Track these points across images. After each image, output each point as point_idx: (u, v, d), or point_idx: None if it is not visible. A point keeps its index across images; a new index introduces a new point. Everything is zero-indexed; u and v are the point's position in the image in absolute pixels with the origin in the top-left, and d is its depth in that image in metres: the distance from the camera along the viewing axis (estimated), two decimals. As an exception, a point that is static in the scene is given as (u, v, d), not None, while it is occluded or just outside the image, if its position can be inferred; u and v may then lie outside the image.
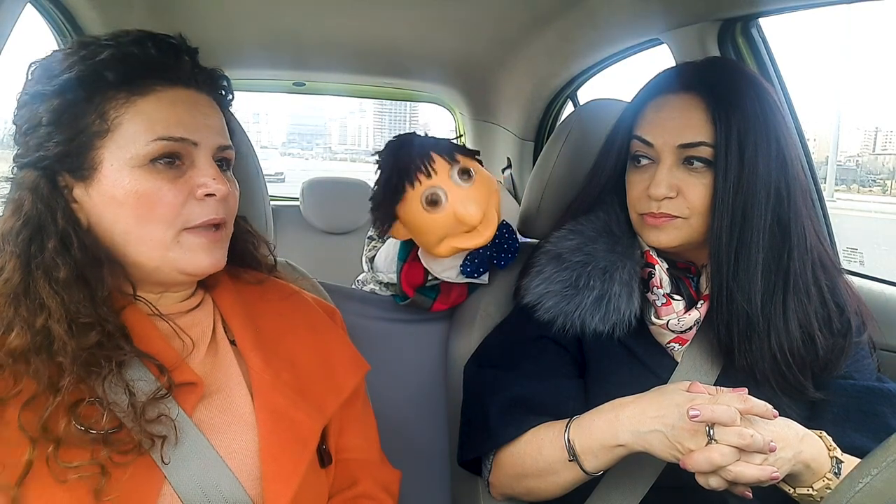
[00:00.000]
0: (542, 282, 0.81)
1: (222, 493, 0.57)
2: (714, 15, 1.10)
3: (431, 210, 0.85)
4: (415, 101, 2.67)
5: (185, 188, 0.58)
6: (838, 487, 0.41)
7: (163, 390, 0.56)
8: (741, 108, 0.70)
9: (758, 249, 0.70)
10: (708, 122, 0.71)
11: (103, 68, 0.56)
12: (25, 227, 0.55)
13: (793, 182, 0.72)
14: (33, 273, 0.54)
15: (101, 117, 0.56)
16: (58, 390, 0.52)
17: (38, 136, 0.57)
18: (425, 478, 0.96)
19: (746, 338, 0.71)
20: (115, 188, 0.57)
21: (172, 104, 0.58)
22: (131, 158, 0.56)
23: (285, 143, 53.19)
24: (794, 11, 1.06)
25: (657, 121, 0.75)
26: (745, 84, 0.74)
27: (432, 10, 1.48)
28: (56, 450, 0.51)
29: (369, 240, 1.09)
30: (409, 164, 0.85)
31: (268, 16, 1.56)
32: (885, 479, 0.39)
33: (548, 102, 1.89)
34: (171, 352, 0.60)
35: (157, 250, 0.58)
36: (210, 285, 0.68)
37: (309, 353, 0.70)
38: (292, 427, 0.62)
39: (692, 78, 0.75)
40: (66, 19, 1.31)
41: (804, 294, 0.72)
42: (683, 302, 0.76)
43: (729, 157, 0.70)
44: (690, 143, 0.71)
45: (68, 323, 0.54)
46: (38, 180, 0.57)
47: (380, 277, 1.04)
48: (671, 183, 0.72)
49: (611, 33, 1.42)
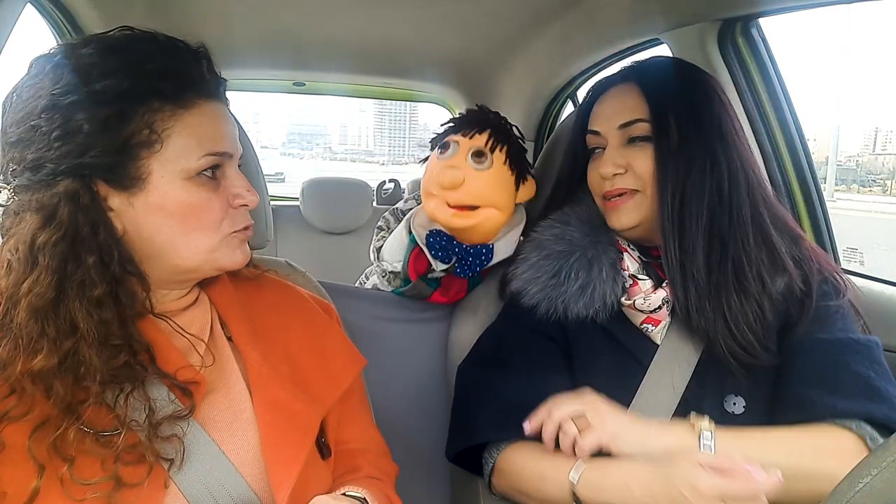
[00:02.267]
0: (527, 269, 0.84)
1: (228, 492, 0.57)
2: (714, 15, 1.10)
3: (440, 155, 0.95)
4: (415, 101, 2.67)
5: (224, 197, 0.61)
6: (838, 487, 0.41)
7: (184, 411, 0.57)
8: (672, 87, 0.79)
9: (698, 215, 0.75)
10: (643, 102, 0.78)
11: (155, 80, 0.56)
12: (63, 240, 0.53)
13: (732, 151, 0.77)
14: (67, 290, 0.53)
15: (149, 128, 0.56)
16: (77, 415, 0.52)
17: (77, 143, 0.54)
18: (425, 477, 0.96)
19: (698, 300, 0.74)
20: (164, 199, 0.57)
21: (214, 118, 0.61)
22: (182, 171, 0.58)
23: (285, 143, 53.25)
24: (794, 11, 1.06)
25: (600, 111, 0.83)
26: (679, 69, 0.83)
27: (432, 10, 1.48)
28: (71, 468, 0.51)
29: (378, 230, 1.11)
30: (470, 123, 0.96)
31: (268, 16, 1.56)
32: (885, 479, 0.39)
33: (548, 102, 1.89)
34: (174, 351, 0.60)
35: (202, 254, 0.61)
36: (206, 282, 0.68)
37: (306, 346, 0.70)
38: (292, 418, 0.62)
39: (628, 70, 0.84)
40: (66, 19, 1.31)
41: (747, 259, 0.75)
42: (650, 281, 0.79)
43: (664, 129, 0.76)
44: (628, 122, 0.78)
45: (99, 346, 0.53)
46: (76, 189, 0.55)
47: (385, 266, 1.05)
48: (617, 161, 0.79)
49: (611, 33, 1.42)
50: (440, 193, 0.92)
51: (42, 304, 0.52)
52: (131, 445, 0.54)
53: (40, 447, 0.51)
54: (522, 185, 0.97)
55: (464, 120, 0.98)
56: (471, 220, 0.92)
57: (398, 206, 1.12)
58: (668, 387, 0.76)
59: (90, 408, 0.52)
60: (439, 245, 0.96)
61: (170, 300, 0.64)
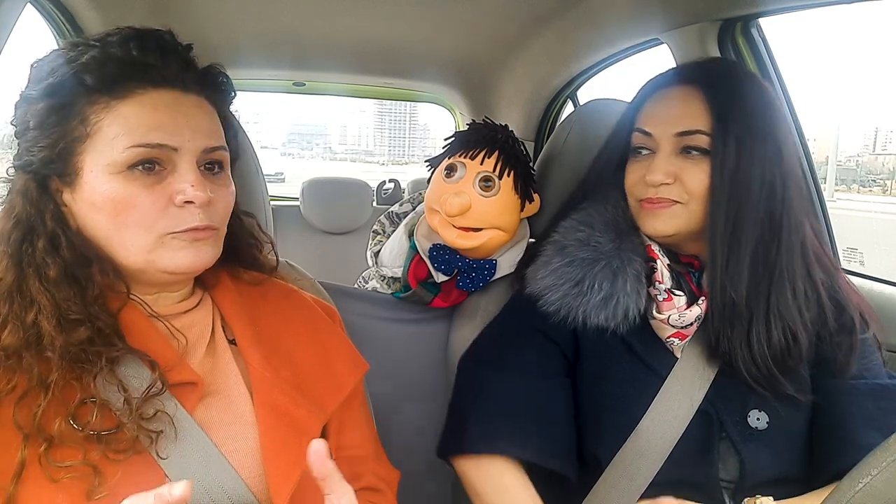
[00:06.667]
0: (548, 274, 0.80)
1: (226, 492, 0.57)
2: (714, 15, 1.10)
3: (447, 178, 0.96)
4: (415, 101, 2.67)
5: (165, 194, 0.57)
6: (839, 487, 0.41)
7: (158, 385, 0.56)
8: (739, 100, 0.72)
9: (748, 240, 0.71)
10: (705, 112, 0.72)
11: (83, 72, 0.55)
12: (17, 228, 0.57)
13: (788, 178, 0.73)
14: (25, 271, 0.56)
15: (82, 122, 0.56)
16: (47, 386, 0.53)
17: (27, 139, 0.57)
18: (425, 477, 0.96)
19: (729, 325, 0.72)
20: (93, 194, 0.56)
21: (153, 108, 0.57)
22: (108, 165, 0.55)
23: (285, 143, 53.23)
24: (794, 11, 1.06)
25: (656, 112, 0.77)
26: (744, 79, 0.76)
27: (432, 10, 1.48)
28: (48, 449, 0.51)
29: (374, 234, 1.10)
30: (478, 143, 0.95)
31: (268, 16, 1.56)
32: (885, 479, 0.39)
33: (548, 102, 1.89)
34: (170, 351, 0.60)
35: (139, 254, 0.58)
36: (210, 285, 0.68)
37: (309, 351, 0.70)
38: (293, 423, 0.62)
39: (691, 72, 0.77)
40: (66, 19, 1.31)
41: (790, 290, 0.72)
42: (685, 297, 0.75)
43: (726, 146, 0.71)
44: (687, 131, 0.73)
45: (57, 319, 0.54)
46: (27, 184, 0.58)
47: (384, 272, 1.04)
48: (668, 170, 0.73)
49: (611, 33, 1.42)
50: (445, 216, 0.93)
51: (7, 286, 0.55)
52: (116, 428, 0.54)
53: (24, 420, 0.52)
54: (528, 205, 0.98)
55: (471, 139, 0.96)
56: (475, 242, 0.93)
57: (393, 209, 1.12)
58: (685, 398, 0.74)
59: (60, 383, 0.53)
60: (442, 259, 0.96)
61: (170, 302, 0.64)
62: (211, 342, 0.64)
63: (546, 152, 1.04)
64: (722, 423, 0.73)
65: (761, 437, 0.72)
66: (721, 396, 0.74)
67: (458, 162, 0.95)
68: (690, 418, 0.73)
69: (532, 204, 0.98)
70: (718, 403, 0.74)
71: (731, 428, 0.72)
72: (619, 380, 0.77)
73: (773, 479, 0.71)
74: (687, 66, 0.79)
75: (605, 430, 0.76)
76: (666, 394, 0.74)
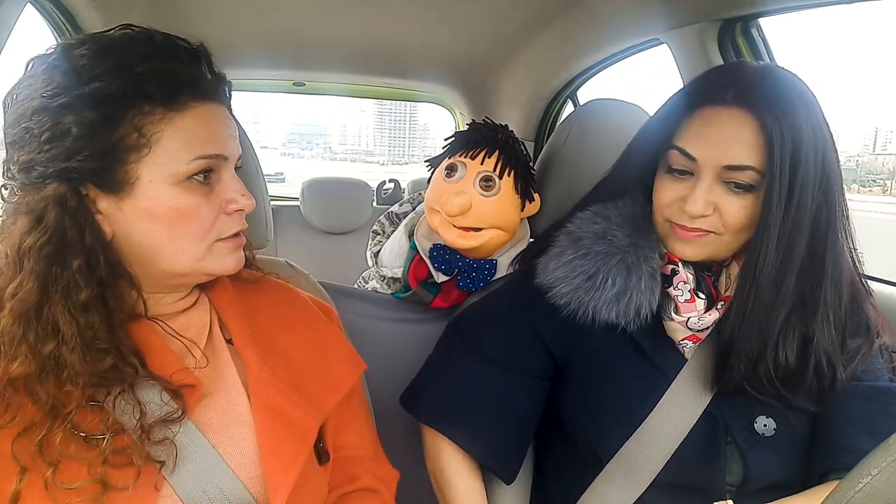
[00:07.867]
0: (560, 265, 0.77)
1: (224, 494, 0.57)
2: (714, 15, 1.10)
3: (447, 178, 0.96)
4: (415, 101, 2.67)
5: (217, 203, 0.59)
6: (838, 487, 0.41)
7: (178, 412, 0.56)
8: (794, 132, 0.65)
9: (785, 281, 0.67)
10: (757, 146, 0.65)
11: (145, 83, 0.55)
12: (49, 244, 0.53)
13: (833, 210, 0.68)
14: (51, 294, 0.52)
15: (138, 132, 0.55)
16: (63, 418, 0.52)
17: (65, 146, 0.53)
18: (425, 477, 0.96)
19: (746, 351, 0.69)
20: (152, 203, 0.56)
21: (207, 120, 0.58)
22: (171, 175, 0.56)
23: (285, 143, 53.22)
24: (794, 11, 1.06)
25: (703, 134, 0.68)
26: (799, 102, 0.67)
27: (432, 11, 1.48)
28: (54, 473, 0.51)
29: (374, 234, 1.10)
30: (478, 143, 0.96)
31: (268, 15, 1.56)
32: (885, 479, 0.39)
33: (548, 102, 1.89)
34: (172, 357, 0.60)
35: (188, 261, 0.59)
36: (206, 285, 0.68)
37: (306, 350, 0.70)
38: (290, 423, 0.62)
39: (746, 92, 0.67)
40: (66, 19, 1.31)
41: (822, 322, 0.69)
42: (705, 301, 0.73)
43: (780, 188, 0.65)
44: (737, 166, 0.66)
45: (82, 350, 0.52)
46: (64, 193, 0.54)
47: (384, 272, 1.05)
48: (709, 200, 0.68)
49: (611, 33, 1.42)
50: (446, 216, 0.94)
51: (24, 310, 0.52)
52: (120, 448, 0.53)
53: (24, 452, 0.51)
54: (528, 204, 0.98)
55: (471, 139, 0.97)
56: (475, 241, 0.94)
57: (393, 209, 1.12)
58: (691, 402, 0.73)
59: (76, 411, 0.52)
60: (442, 259, 0.97)
61: (167, 303, 0.64)
62: (209, 342, 0.64)
63: (546, 152, 1.04)
64: (728, 427, 0.72)
65: (767, 443, 0.71)
66: (728, 401, 0.73)
67: (458, 162, 0.95)
68: (696, 420, 0.72)
69: (532, 204, 0.98)
70: (725, 408, 0.73)
71: (737, 433, 0.71)
72: (624, 377, 0.76)
73: (776, 484, 0.71)
74: (741, 80, 0.69)
75: (606, 426, 0.75)
76: (674, 394, 0.73)
